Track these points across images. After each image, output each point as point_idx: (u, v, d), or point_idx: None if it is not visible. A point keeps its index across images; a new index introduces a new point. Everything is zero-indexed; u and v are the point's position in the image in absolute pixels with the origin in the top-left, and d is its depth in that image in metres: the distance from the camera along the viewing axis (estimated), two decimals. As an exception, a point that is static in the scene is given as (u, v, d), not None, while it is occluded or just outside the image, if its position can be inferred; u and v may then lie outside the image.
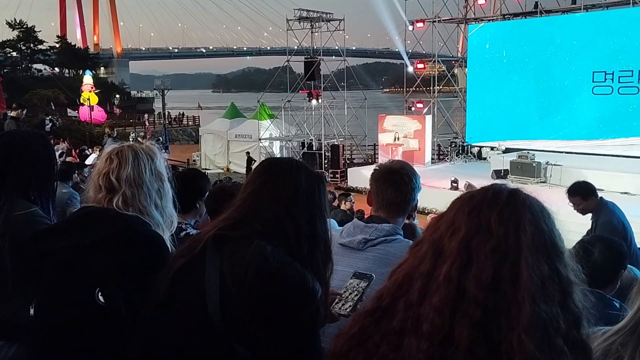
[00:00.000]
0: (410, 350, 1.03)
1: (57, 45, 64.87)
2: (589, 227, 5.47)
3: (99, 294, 1.74)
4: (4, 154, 2.37)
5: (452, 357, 0.99)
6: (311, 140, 25.35)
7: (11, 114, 11.34)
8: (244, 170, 23.54)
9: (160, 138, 27.22)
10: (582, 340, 1.07)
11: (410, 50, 27.79)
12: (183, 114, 52.26)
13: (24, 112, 11.56)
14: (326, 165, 23.31)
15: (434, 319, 1.02)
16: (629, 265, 3.05)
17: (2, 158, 2.36)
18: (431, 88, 24.91)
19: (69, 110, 42.66)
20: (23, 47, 61.04)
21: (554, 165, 16.15)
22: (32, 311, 1.92)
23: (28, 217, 2.27)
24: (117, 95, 59.66)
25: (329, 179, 21.54)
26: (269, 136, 25.46)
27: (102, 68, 79.68)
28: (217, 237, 1.57)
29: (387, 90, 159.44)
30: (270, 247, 1.52)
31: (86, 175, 7.36)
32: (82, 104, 38.93)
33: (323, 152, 24.02)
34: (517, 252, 1.04)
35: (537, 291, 1.01)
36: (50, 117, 23.70)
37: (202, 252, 1.56)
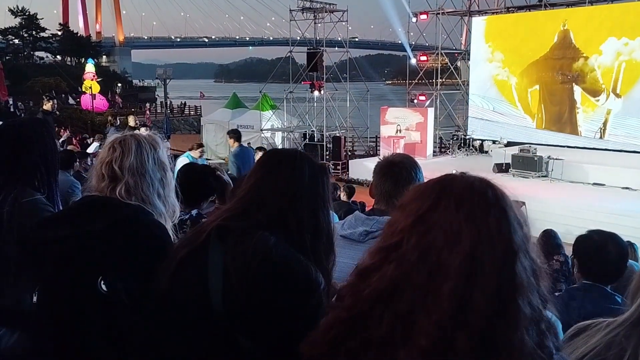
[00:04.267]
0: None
1: (59, 33, 64.60)
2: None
3: (102, 282, 1.74)
4: (12, 143, 2.38)
5: None
6: (313, 131, 25.32)
7: (44, 107, 11.88)
8: (245, 161, 23.52)
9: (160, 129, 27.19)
10: (549, 319, 1.10)
11: (413, 43, 27.76)
12: (185, 104, 52.19)
13: (56, 103, 12.31)
14: (328, 157, 23.29)
15: (434, 331, 0.99)
16: (630, 260, 3.08)
17: (11, 147, 2.37)
18: (434, 81, 24.84)
19: (70, 98, 42.63)
20: (25, 35, 60.81)
21: (556, 159, 16.13)
22: (34, 299, 1.93)
23: (33, 204, 2.29)
24: (119, 84, 59.56)
25: (332, 171, 21.53)
26: (271, 127, 25.43)
27: (104, 56, 79.48)
28: (220, 228, 1.57)
29: (390, 82, 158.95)
30: (273, 239, 1.52)
31: (89, 164, 7.37)
32: (84, 93, 38.89)
33: (325, 143, 24.00)
34: (513, 255, 1.04)
35: (527, 287, 1.03)
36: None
37: (205, 242, 1.56)
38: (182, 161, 10.09)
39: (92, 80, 37.90)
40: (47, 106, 11.93)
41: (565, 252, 5.72)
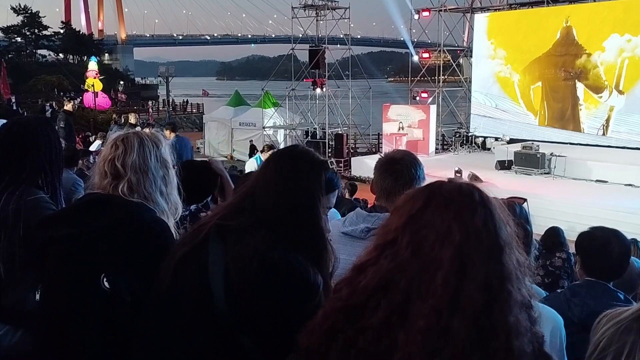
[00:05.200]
0: (399, 343, 1.07)
1: (62, 31, 64.60)
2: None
3: (104, 279, 1.74)
4: (19, 142, 2.38)
5: (445, 346, 1.05)
6: (315, 129, 25.30)
7: (65, 108, 12.13)
8: (247, 159, 23.53)
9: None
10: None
11: (415, 40, 27.73)
12: (187, 101, 52.21)
13: (76, 104, 12.96)
14: (330, 154, 23.26)
15: (430, 314, 1.06)
16: (632, 257, 3.08)
17: (17, 146, 2.37)
18: (436, 78, 24.79)
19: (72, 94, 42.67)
20: (27, 33, 60.79)
21: (559, 156, 16.09)
22: (37, 297, 1.93)
23: (36, 202, 2.29)
24: (122, 82, 59.55)
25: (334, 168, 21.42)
26: (273, 124, 25.43)
27: (106, 54, 79.50)
28: (219, 226, 1.57)
29: (392, 79, 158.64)
30: (273, 238, 1.53)
31: (91, 161, 7.38)
32: (87, 90, 38.91)
33: (327, 141, 23.98)
34: (499, 249, 1.13)
35: (515, 277, 1.13)
36: (50, 103, 23.94)
37: (204, 240, 1.57)
38: (251, 163, 10.14)
39: (94, 78, 37.91)
40: (68, 106, 12.27)
41: (568, 249, 5.72)
